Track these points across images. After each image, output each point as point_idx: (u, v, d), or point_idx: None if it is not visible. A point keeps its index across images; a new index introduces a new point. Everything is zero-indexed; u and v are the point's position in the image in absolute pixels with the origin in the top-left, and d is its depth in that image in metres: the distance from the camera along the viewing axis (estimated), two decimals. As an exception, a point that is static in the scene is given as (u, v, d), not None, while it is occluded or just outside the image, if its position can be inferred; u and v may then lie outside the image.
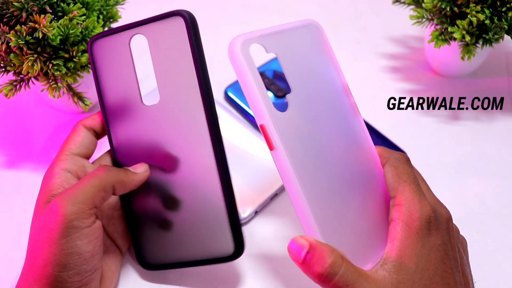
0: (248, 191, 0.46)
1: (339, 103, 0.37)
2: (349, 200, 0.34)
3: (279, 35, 0.34)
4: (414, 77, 0.57)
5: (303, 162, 0.32)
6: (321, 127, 0.35)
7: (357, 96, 0.55)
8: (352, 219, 0.34)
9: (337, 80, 0.37)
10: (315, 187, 0.33)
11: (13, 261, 0.41)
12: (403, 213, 0.33)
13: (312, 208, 0.32)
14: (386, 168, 0.36)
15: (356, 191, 0.35)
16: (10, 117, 0.52)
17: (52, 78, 0.43)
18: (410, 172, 0.35)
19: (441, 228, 0.34)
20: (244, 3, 0.63)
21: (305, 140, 0.33)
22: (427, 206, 0.33)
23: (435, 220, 0.33)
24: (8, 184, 0.47)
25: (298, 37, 0.36)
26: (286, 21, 0.60)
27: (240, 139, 0.49)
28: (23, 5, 0.40)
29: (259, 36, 0.33)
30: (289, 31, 0.35)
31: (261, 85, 0.32)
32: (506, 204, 0.47)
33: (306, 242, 0.31)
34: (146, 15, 0.40)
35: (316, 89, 0.35)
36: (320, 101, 0.35)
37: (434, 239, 0.33)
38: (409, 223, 0.33)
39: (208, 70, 0.37)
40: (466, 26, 0.46)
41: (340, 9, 0.63)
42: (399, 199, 0.34)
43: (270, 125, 0.32)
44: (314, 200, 0.32)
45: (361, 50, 0.59)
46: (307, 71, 0.35)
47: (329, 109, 0.36)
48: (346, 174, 0.35)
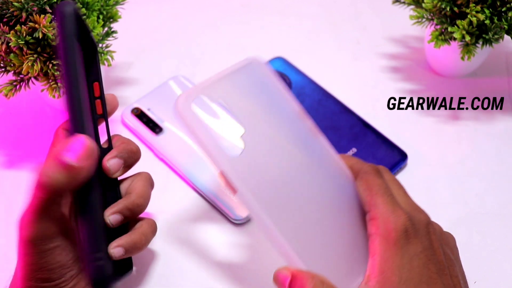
0: (248, 191, 0.46)
1: (294, 130, 0.37)
2: (325, 222, 0.35)
3: (220, 83, 0.35)
4: (414, 77, 0.57)
5: (269, 197, 0.33)
6: (280, 158, 0.35)
7: (357, 96, 0.55)
8: (331, 240, 0.34)
9: (289, 108, 0.37)
10: (286, 218, 0.33)
11: (13, 261, 0.41)
12: (379, 227, 0.33)
13: (287, 238, 0.32)
14: (357, 183, 0.36)
15: (330, 211, 0.35)
16: (10, 117, 0.52)
17: (52, 78, 0.43)
18: (380, 183, 0.35)
19: (420, 234, 0.33)
20: (244, 3, 0.63)
21: (266, 175, 0.33)
22: (402, 215, 0.33)
23: (412, 227, 0.33)
24: (8, 184, 0.47)
25: (240, 78, 0.36)
26: (286, 21, 0.60)
27: (240, 139, 0.49)
28: (23, 5, 0.40)
29: (201, 89, 0.34)
30: (231, 76, 0.36)
31: (210, 135, 0.32)
32: (506, 204, 0.47)
33: (288, 272, 0.32)
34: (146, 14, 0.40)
35: (268, 123, 0.35)
36: (274, 134, 0.35)
37: (414, 247, 0.32)
38: (386, 235, 0.32)
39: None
40: (466, 26, 0.46)
41: (340, 9, 0.63)
42: (373, 212, 0.34)
43: (227, 170, 0.32)
44: (288, 230, 0.33)
45: (361, 50, 0.59)
46: (256, 109, 0.35)
47: (285, 139, 0.36)
48: (316, 198, 0.35)
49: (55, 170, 0.30)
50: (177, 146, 0.48)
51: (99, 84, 0.37)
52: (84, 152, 0.31)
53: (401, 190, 0.37)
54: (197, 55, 0.58)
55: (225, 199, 0.45)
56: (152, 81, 0.54)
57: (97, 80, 0.37)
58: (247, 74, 0.37)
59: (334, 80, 0.55)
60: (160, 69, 0.56)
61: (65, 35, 0.32)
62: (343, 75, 0.57)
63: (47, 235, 0.32)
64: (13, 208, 0.45)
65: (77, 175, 0.31)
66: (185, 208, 0.46)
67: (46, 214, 0.31)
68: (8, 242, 0.43)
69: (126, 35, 0.50)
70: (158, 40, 0.59)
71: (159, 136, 0.49)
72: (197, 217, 0.45)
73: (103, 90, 0.37)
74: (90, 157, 0.31)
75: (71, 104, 0.32)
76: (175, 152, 0.48)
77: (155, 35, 0.60)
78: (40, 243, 0.32)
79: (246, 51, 0.58)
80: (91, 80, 0.37)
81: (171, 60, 0.57)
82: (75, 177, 0.31)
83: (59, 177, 0.30)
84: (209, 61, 0.57)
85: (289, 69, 0.55)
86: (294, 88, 0.54)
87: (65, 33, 0.32)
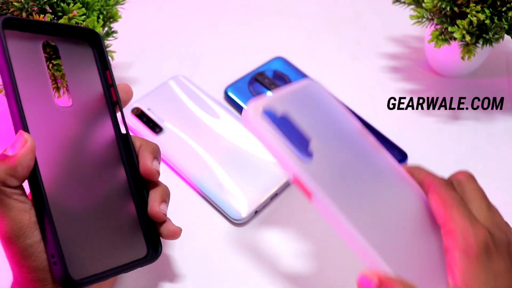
0: (248, 191, 0.46)
1: (359, 144, 0.37)
2: (402, 231, 0.34)
3: (285, 97, 0.35)
4: (414, 77, 0.57)
5: (346, 202, 0.32)
6: (350, 167, 0.34)
7: (357, 96, 0.55)
8: (410, 250, 0.34)
9: (351, 125, 0.37)
10: (366, 222, 0.32)
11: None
12: (457, 240, 0.31)
13: (372, 242, 0.31)
14: (429, 196, 0.34)
15: (406, 221, 0.34)
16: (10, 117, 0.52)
17: (52, 78, 0.43)
18: (454, 196, 0.33)
19: (502, 252, 0.32)
20: (243, 3, 0.63)
21: (339, 182, 0.33)
22: (482, 229, 0.31)
23: (493, 244, 0.31)
24: (8, 184, 0.47)
25: (302, 94, 0.37)
26: (285, 21, 0.60)
27: (240, 139, 0.49)
28: (23, 5, 0.40)
29: (267, 100, 0.34)
30: (293, 92, 0.36)
31: (282, 142, 0.32)
32: (506, 204, 0.47)
33: (375, 276, 0.30)
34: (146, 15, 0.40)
35: (333, 134, 0.36)
36: (341, 145, 0.35)
37: (497, 265, 0.31)
38: (466, 249, 0.31)
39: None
40: (466, 26, 0.46)
41: (340, 9, 0.63)
42: (450, 226, 0.32)
43: (303, 175, 0.31)
44: (370, 234, 0.32)
45: (361, 50, 0.59)
46: (321, 121, 0.36)
47: (352, 151, 0.36)
48: (390, 206, 0.34)
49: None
50: (177, 146, 0.49)
51: (109, 73, 0.39)
52: (19, 143, 0.32)
53: (484, 202, 0.35)
54: (197, 55, 0.58)
55: (226, 199, 0.45)
56: (152, 81, 0.54)
57: (107, 68, 0.39)
58: (308, 92, 0.37)
59: (334, 80, 0.55)
60: (160, 69, 0.56)
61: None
62: (343, 75, 0.57)
63: (18, 228, 0.31)
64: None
65: (13, 163, 0.32)
66: (185, 208, 0.46)
67: (4, 207, 0.32)
68: (8, 242, 0.43)
69: (126, 35, 0.50)
70: (158, 40, 0.59)
71: (159, 136, 0.49)
72: (197, 217, 0.45)
73: (113, 78, 0.39)
74: (23, 146, 0.32)
75: (11, 106, 0.34)
76: (175, 152, 0.48)
77: (155, 35, 0.60)
78: (17, 240, 0.31)
79: (246, 51, 0.58)
80: (103, 69, 0.39)
81: (171, 60, 0.57)
82: (11, 166, 0.32)
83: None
84: (209, 61, 0.58)
85: (289, 69, 0.55)
86: (294, 88, 0.54)
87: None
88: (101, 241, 0.35)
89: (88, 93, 0.38)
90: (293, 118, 0.34)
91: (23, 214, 0.32)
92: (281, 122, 0.38)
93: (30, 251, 0.31)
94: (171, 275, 0.42)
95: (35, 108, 0.35)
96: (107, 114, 0.39)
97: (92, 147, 0.37)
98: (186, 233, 0.44)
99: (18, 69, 0.34)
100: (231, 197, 0.45)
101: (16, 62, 0.34)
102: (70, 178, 0.35)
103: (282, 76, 0.55)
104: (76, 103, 0.37)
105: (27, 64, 0.35)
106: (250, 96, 0.53)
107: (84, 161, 0.36)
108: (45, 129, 0.35)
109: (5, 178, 0.31)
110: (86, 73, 0.39)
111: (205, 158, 0.48)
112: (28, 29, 0.35)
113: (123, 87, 0.40)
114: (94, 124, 0.38)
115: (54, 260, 0.32)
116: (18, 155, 0.32)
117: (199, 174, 0.47)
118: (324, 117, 0.36)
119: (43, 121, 0.35)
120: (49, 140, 0.35)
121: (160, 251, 0.38)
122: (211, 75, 0.56)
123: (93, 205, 0.36)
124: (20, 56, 0.35)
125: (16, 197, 0.32)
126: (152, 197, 0.38)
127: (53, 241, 0.32)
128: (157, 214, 0.37)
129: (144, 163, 0.38)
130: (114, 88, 0.39)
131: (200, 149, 0.48)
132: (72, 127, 0.36)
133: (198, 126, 0.50)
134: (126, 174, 0.38)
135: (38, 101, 0.35)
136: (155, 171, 0.38)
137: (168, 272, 0.42)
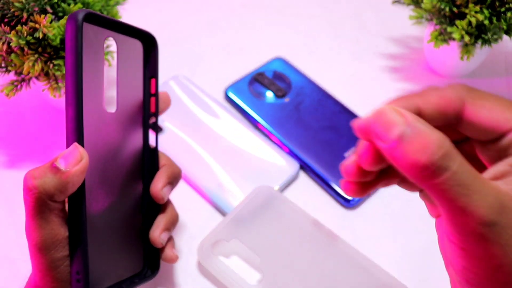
0: (248, 191, 0.46)
1: (310, 243, 0.42)
2: None
3: (231, 223, 0.41)
4: (414, 77, 0.57)
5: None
6: (299, 278, 0.40)
7: (357, 96, 0.55)
8: None
9: (302, 222, 0.43)
10: None
11: (14, 261, 0.41)
12: None
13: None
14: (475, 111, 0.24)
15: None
16: (10, 117, 0.52)
17: (53, 78, 0.43)
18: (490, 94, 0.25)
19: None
20: (244, 3, 0.63)
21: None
22: None
23: None
24: (8, 184, 0.47)
25: (249, 211, 0.43)
26: (285, 21, 0.60)
27: (240, 139, 0.49)
28: (24, 5, 0.40)
29: (214, 235, 0.41)
30: (240, 212, 0.43)
31: (232, 274, 0.40)
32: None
33: (402, 118, 0.21)
34: (147, 14, 0.40)
35: (282, 247, 0.42)
36: (290, 256, 0.41)
37: None
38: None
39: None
40: (465, 26, 0.47)
41: (340, 9, 0.63)
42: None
43: None
44: None
45: (361, 50, 0.59)
46: (269, 235, 0.42)
47: (300, 257, 0.41)
48: None
49: (44, 173, 0.30)
50: (178, 145, 0.49)
51: (156, 82, 0.36)
52: (73, 158, 0.30)
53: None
54: (197, 55, 0.58)
55: (226, 198, 0.45)
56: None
57: (154, 76, 0.37)
58: (256, 203, 0.42)
59: (334, 80, 0.55)
60: (160, 69, 0.56)
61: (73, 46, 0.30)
62: (343, 75, 0.57)
63: (52, 242, 0.31)
64: (13, 208, 0.45)
65: (65, 179, 0.30)
66: (185, 207, 0.46)
67: (44, 220, 0.30)
68: (9, 242, 0.43)
69: (126, 35, 0.50)
70: (158, 40, 0.59)
71: (159, 136, 0.49)
72: (197, 217, 0.46)
73: (158, 88, 0.37)
74: (78, 163, 0.30)
75: (71, 115, 0.30)
76: (176, 151, 0.48)
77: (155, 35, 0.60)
78: (48, 252, 0.31)
79: (246, 52, 0.58)
80: (149, 76, 0.37)
81: (171, 60, 0.57)
82: (63, 181, 0.30)
83: (46, 179, 0.30)
84: (209, 61, 0.58)
85: (289, 69, 0.55)
86: (293, 88, 0.54)
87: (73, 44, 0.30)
88: (114, 256, 0.35)
89: (132, 100, 0.36)
90: (242, 241, 0.41)
91: (60, 228, 0.31)
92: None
93: (57, 264, 0.31)
94: (171, 275, 0.42)
95: (90, 114, 0.31)
96: (140, 124, 0.37)
97: (123, 159, 0.35)
98: (187, 233, 0.44)
99: (85, 69, 0.30)
100: (231, 197, 0.45)
101: (85, 62, 0.30)
102: (104, 194, 0.33)
103: (282, 77, 0.55)
104: (120, 110, 0.35)
105: (90, 62, 0.32)
106: (250, 96, 0.53)
107: (113, 176, 0.34)
108: (94, 139, 0.32)
109: (54, 193, 0.30)
110: (133, 78, 0.36)
111: (205, 158, 0.48)
112: (101, 25, 0.32)
113: (162, 96, 0.38)
114: (129, 135, 0.36)
115: (79, 277, 0.31)
116: (71, 172, 0.30)
117: (199, 174, 0.47)
118: (273, 227, 0.42)
119: (94, 129, 0.32)
120: (95, 152, 0.32)
121: (156, 272, 0.37)
122: (211, 75, 0.56)
123: (113, 221, 0.34)
124: (87, 57, 0.31)
125: (57, 212, 0.31)
126: (157, 223, 0.37)
127: (81, 260, 0.30)
128: (155, 241, 0.37)
129: (156, 185, 0.37)
130: (156, 98, 0.37)
131: (200, 149, 0.48)
132: (112, 136, 0.34)
133: (198, 126, 0.50)
134: (143, 190, 0.37)
135: (94, 106, 0.32)
136: (161, 197, 0.37)
137: (168, 271, 0.42)
